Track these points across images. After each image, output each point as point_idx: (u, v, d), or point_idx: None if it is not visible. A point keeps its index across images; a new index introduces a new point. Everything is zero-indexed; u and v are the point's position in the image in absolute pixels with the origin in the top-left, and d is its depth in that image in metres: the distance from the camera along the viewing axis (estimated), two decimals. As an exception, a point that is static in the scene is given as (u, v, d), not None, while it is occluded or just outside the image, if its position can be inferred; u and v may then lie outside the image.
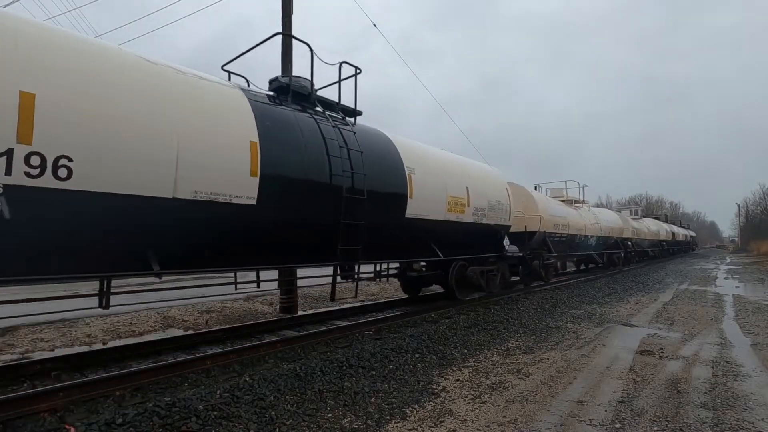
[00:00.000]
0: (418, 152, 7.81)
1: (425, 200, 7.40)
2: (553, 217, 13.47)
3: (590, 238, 16.93)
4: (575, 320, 8.16)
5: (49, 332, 6.98)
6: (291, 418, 3.67)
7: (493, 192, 9.65)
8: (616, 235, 20.27)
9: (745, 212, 70.29)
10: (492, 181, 9.92)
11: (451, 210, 8.12)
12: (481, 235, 9.22)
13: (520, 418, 3.74)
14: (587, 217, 17.03)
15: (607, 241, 19.43)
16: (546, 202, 13.63)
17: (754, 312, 9.16)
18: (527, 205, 12.72)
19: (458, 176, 8.56)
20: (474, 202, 8.75)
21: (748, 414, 3.83)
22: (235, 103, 4.99)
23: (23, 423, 3.40)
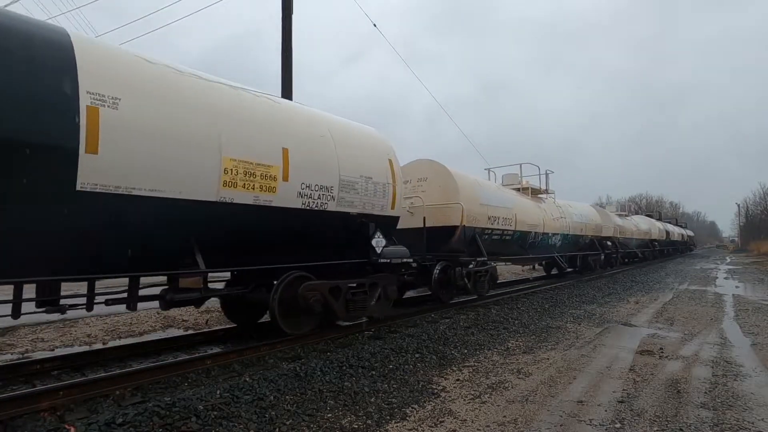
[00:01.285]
0: (135, 66, 4.42)
1: (150, 158, 4.22)
2: (486, 208, 10.19)
3: (552, 236, 13.90)
4: (575, 320, 8.16)
5: (49, 332, 6.98)
6: (291, 418, 3.67)
7: (358, 163, 6.43)
8: (592, 233, 17.29)
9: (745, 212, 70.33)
10: (358, 146, 6.66)
11: (241, 185, 4.95)
12: (323, 230, 6.09)
13: (520, 418, 3.74)
14: (550, 211, 13.90)
15: (580, 241, 16.38)
16: (475, 189, 10.16)
17: (754, 312, 9.16)
18: (446, 190, 9.48)
19: (264, 128, 5.36)
20: (301, 176, 5.61)
21: (748, 414, 3.83)
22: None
23: (23, 422, 3.40)
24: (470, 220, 9.56)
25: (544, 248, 13.77)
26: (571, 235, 15.38)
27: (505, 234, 11.15)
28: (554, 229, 13.95)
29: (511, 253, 12.27)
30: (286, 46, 9.90)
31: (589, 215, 17.45)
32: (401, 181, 7.39)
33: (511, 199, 11.93)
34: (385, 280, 6.92)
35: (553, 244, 14.21)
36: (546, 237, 13.55)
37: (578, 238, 16.19)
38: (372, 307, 6.70)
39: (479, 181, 10.91)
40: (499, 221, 10.76)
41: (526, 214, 12.27)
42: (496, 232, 10.75)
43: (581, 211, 16.91)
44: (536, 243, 13.12)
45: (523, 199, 12.89)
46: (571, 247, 15.75)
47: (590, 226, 17.18)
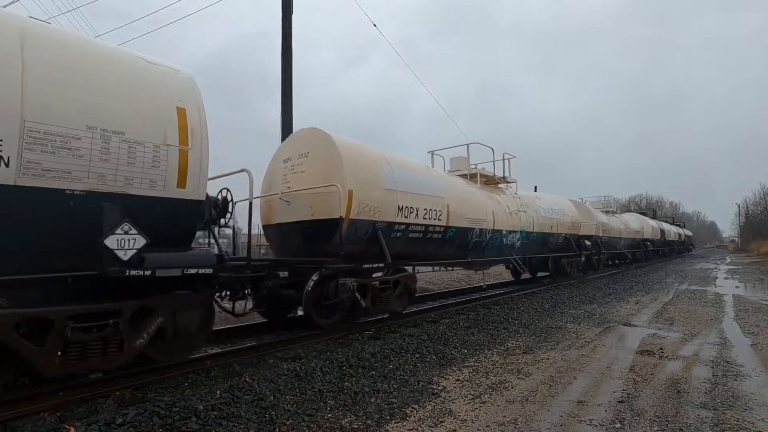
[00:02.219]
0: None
1: None
2: (394, 196, 7.44)
3: (509, 234, 11.21)
4: (575, 320, 8.16)
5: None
6: (291, 418, 3.67)
7: (84, 103, 3.96)
8: (567, 231, 14.57)
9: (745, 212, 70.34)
10: (89, 73, 4.09)
11: None
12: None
13: (520, 418, 3.74)
14: (505, 203, 11.35)
15: (550, 240, 13.88)
16: (376, 167, 7.34)
17: (754, 312, 9.16)
18: (328, 168, 6.79)
19: None
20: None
21: (748, 414, 3.83)
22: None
23: (23, 423, 3.40)
24: (364, 211, 6.87)
25: (496, 249, 10.91)
26: (536, 234, 12.73)
27: (431, 231, 8.35)
28: (510, 226, 11.15)
29: (444, 255, 9.23)
30: (286, 46, 9.90)
31: (563, 210, 14.66)
32: (205, 145, 4.70)
33: (444, 185, 8.96)
34: (169, 303, 4.41)
35: (509, 244, 11.36)
36: (498, 235, 10.66)
37: (547, 237, 13.56)
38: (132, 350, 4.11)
39: (388, 158, 7.82)
40: (418, 214, 7.92)
41: (465, 205, 9.36)
42: (415, 228, 7.94)
43: (552, 205, 14.12)
44: (483, 243, 10.19)
45: (467, 188, 10.11)
46: (538, 247, 13.15)
47: (564, 223, 14.35)
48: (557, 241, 14.31)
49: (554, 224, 13.81)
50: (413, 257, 8.25)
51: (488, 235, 10.32)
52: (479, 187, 10.85)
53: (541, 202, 13.63)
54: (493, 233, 10.48)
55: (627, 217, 25.87)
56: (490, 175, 11.95)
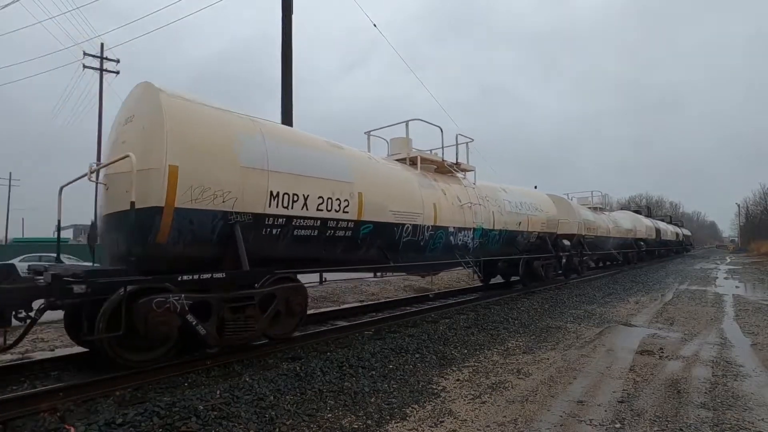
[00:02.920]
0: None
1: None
2: (263, 176, 5.48)
3: (459, 232, 9.02)
4: (575, 320, 8.16)
5: (49, 332, 6.98)
6: (291, 418, 3.67)
7: None
8: (541, 229, 12.58)
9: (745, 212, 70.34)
10: None
11: None
12: None
13: (520, 418, 3.74)
14: (454, 194, 9.12)
15: (519, 240, 11.68)
16: (231, 134, 5.38)
17: (754, 312, 9.16)
18: (149, 134, 4.90)
19: None
20: None
21: (748, 414, 3.83)
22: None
23: (23, 423, 3.41)
24: (205, 198, 4.90)
25: (442, 250, 8.69)
26: (499, 232, 10.53)
27: (333, 228, 6.20)
28: (460, 222, 9.02)
29: (362, 259, 7.14)
30: (286, 46, 9.90)
31: (537, 205, 12.69)
32: None
33: (355, 168, 6.76)
34: None
35: (459, 244, 9.10)
36: (442, 233, 8.47)
37: (515, 236, 11.42)
38: None
39: (260, 126, 5.78)
40: (307, 204, 5.79)
41: (389, 195, 7.21)
42: (303, 223, 5.82)
43: (523, 199, 12.10)
44: (420, 243, 7.99)
45: (396, 173, 7.90)
46: (503, 248, 11.07)
47: (538, 220, 12.40)
48: (528, 241, 12.19)
49: (524, 221, 11.71)
50: (308, 262, 6.18)
51: (427, 233, 8.10)
52: (418, 174, 8.49)
53: (508, 195, 11.43)
54: (434, 231, 8.26)
55: (617, 215, 23.78)
56: (437, 161, 9.35)
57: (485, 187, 10.77)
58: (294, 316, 5.81)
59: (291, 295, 5.68)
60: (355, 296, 11.68)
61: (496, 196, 10.90)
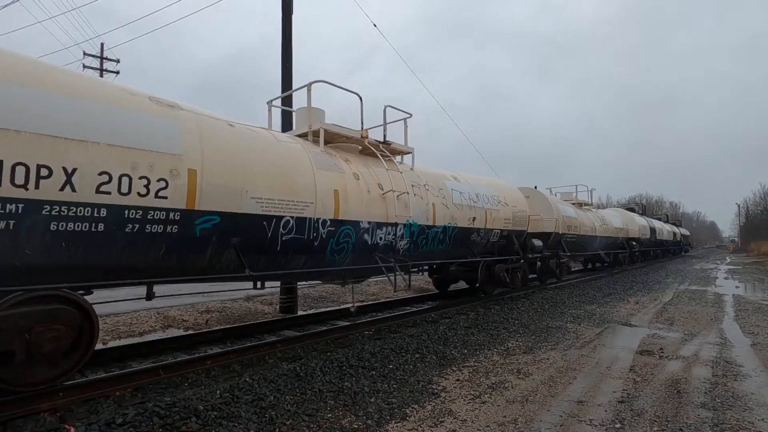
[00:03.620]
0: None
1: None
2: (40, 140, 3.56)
3: (374, 229, 6.83)
4: (575, 320, 8.16)
5: (49, 332, 6.97)
6: (291, 418, 3.67)
7: None
8: (504, 226, 10.23)
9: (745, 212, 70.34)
10: None
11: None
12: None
13: (520, 418, 3.74)
14: (371, 180, 6.98)
15: (471, 239, 9.27)
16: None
17: (754, 312, 9.16)
18: None
19: None
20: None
21: (748, 414, 3.83)
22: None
23: (23, 423, 3.41)
24: None
25: (355, 251, 6.58)
26: (441, 229, 8.20)
27: (135, 220, 4.18)
28: (380, 216, 6.84)
29: (206, 266, 4.95)
30: (286, 47, 9.89)
31: (500, 198, 10.36)
32: None
33: (184, 130, 4.69)
34: None
35: (381, 244, 6.95)
36: (350, 229, 6.42)
37: (467, 235, 9.06)
38: None
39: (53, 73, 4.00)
40: (72, 181, 3.77)
41: (252, 174, 5.19)
42: (67, 211, 3.77)
43: (481, 190, 9.78)
44: (314, 242, 5.93)
45: (280, 149, 5.82)
46: (451, 248, 8.76)
47: (501, 216, 10.12)
48: (488, 240, 9.84)
49: (481, 216, 9.38)
50: (120, 272, 4.29)
51: (324, 230, 5.98)
52: (319, 152, 6.33)
53: (458, 184, 9.15)
54: (337, 227, 6.12)
55: (607, 213, 21.68)
56: (353, 137, 7.07)
57: (426, 173, 8.45)
58: (48, 358, 3.71)
59: (36, 325, 3.60)
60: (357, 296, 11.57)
61: (439, 184, 8.49)
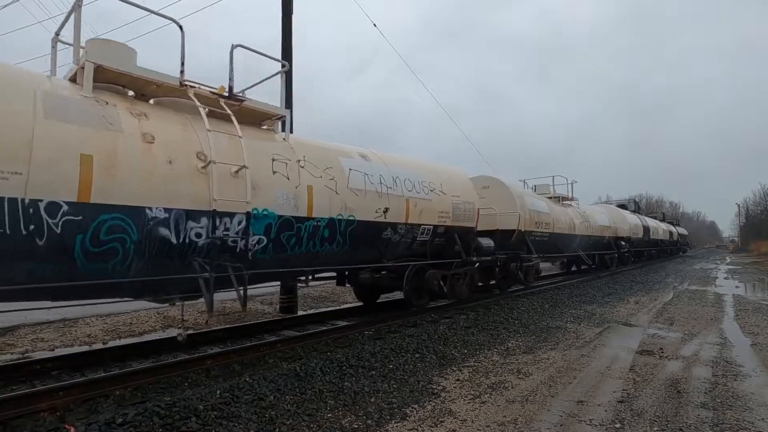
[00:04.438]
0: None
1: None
2: None
3: (189, 222, 4.61)
4: (575, 320, 8.16)
5: (49, 332, 6.98)
6: (291, 417, 3.67)
7: None
8: (437, 221, 8.13)
9: (745, 212, 70.34)
10: None
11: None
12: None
13: (520, 418, 3.74)
14: (193, 146, 4.78)
15: (384, 238, 7.12)
16: None
17: (754, 312, 9.16)
18: None
19: None
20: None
21: (748, 414, 3.83)
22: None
23: (23, 422, 3.41)
24: None
25: (141, 254, 4.38)
26: (325, 222, 6.09)
27: None
28: (185, 200, 4.63)
29: None
30: (286, 46, 9.89)
31: (438, 184, 8.26)
32: None
33: None
34: None
35: (201, 244, 4.78)
36: (129, 221, 4.22)
37: (378, 232, 6.98)
38: None
39: None
40: None
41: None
42: None
43: (401, 171, 7.61)
44: (22, 237, 3.59)
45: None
46: (353, 250, 6.69)
47: (428, 207, 7.89)
48: (413, 239, 7.65)
49: (399, 207, 7.21)
50: None
51: (57, 219, 3.82)
52: (83, 97, 4.27)
53: (363, 164, 6.91)
54: (90, 213, 3.99)
55: (592, 209, 18.97)
56: (160, 83, 4.90)
57: (306, 145, 6.29)
58: None
59: None
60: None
61: (328, 161, 6.30)
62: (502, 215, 11.22)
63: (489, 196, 11.18)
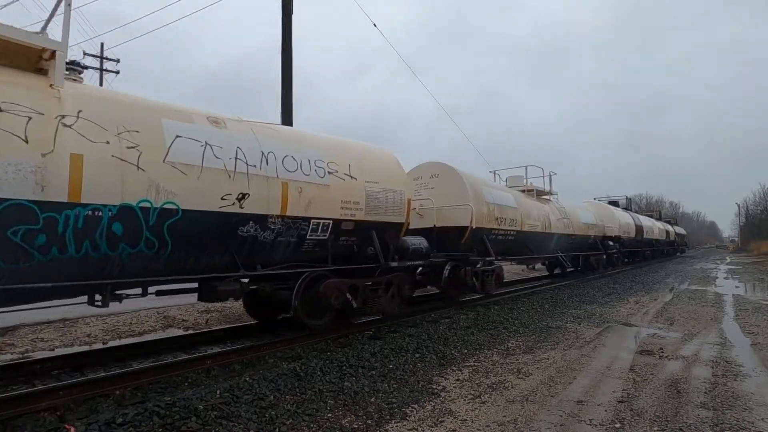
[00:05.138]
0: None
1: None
2: None
3: None
4: (575, 320, 8.16)
5: (49, 332, 6.98)
6: (291, 417, 3.67)
7: None
8: (339, 215, 6.15)
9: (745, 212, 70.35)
10: None
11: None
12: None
13: (520, 417, 3.74)
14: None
15: (262, 235, 5.30)
16: None
17: (754, 312, 9.16)
18: None
19: None
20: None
21: (748, 414, 3.83)
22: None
23: (23, 422, 3.41)
24: None
25: None
26: (85, 209, 3.92)
27: None
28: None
29: None
30: (286, 47, 9.89)
31: (322, 161, 6.13)
32: None
33: None
34: None
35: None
36: None
37: (217, 225, 4.91)
38: None
39: None
40: None
41: None
42: None
43: (270, 145, 5.57)
44: None
45: None
46: (162, 256, 4.55)
47: (322, 195, 5.98)
48: (300, 239, 5.82)
49: (269, 194, 5.40)
50: None
51: None
52: None
53: (201, 130, 4.98)
54: None
55: (573, 205, 16.68)
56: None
57: (99, 97, 4.49)
58: None
59: None
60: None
61: (131, 120, 4.42)
62: (451, 210, 9.15)
63: (439, 185, 9.40)
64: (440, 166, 9.78)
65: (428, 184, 9.43)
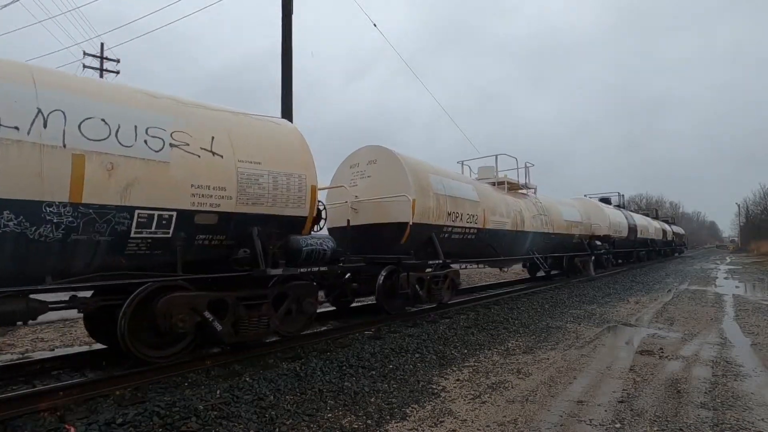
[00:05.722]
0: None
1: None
2: None
3: None
4: (575, 320, 8.16)
5: (49, 332, 6.98)
6: (291, 417, 3.67)
7: None
8: (201, 206, 4.68)
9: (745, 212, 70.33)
10: None
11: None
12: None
13: (520, 418, 3.74)
14: None
15: (70, 231, 3.87)
16: None
17: (754, 312, 9.15)
18: None
19: None
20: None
21: (748, 414, 3.83)
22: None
23: (23, 422, 3.40)
24: None
25: None
26: None
27: None
28: None
29: None
30: (286, 46, 9.89)
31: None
32: None
33: None
34: None
35: None
36: None
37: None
38: None
39: None
40: None
41: None
42: None
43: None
44: None
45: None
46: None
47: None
48: (120, 234, 4.24)
49: (66, 167, 3.85)
50: None
51: None
52: None
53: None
54: None
55: (553, 201, 14.89)
56: None
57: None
58: None
59: None
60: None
61: None
62: (388, 203, 7.72)
63: (376, 173, 8.01)
64: (378, 150, 8.24)
65: (365, 172, 8.06)
